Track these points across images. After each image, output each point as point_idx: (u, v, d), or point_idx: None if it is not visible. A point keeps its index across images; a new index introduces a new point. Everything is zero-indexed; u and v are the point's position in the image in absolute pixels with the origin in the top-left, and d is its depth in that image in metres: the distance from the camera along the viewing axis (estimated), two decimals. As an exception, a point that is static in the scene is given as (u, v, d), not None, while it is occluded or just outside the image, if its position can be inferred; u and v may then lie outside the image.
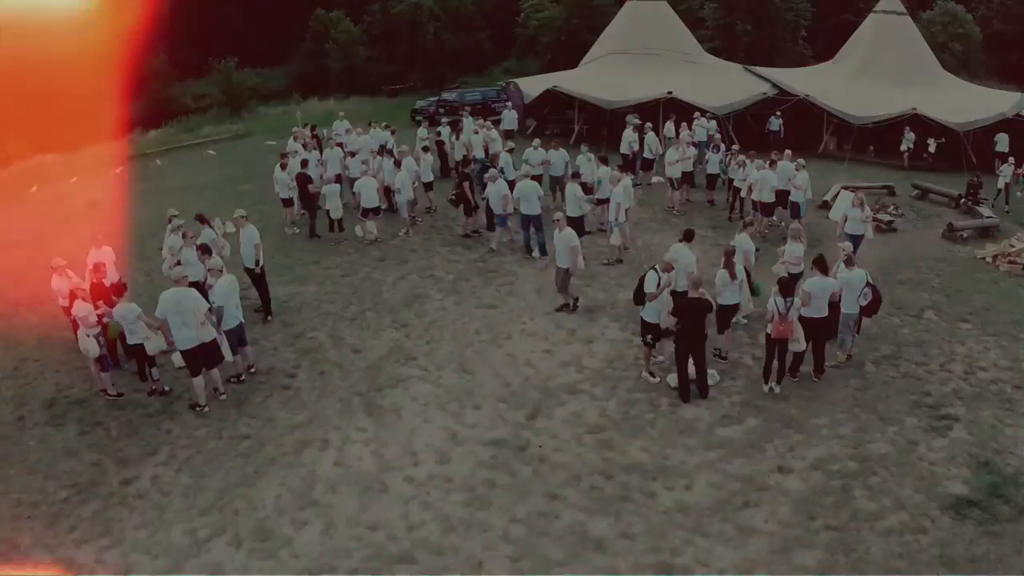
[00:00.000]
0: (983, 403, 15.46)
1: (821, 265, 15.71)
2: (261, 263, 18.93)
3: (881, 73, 36.78)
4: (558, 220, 18.97)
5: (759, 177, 23.64)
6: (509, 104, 35.94)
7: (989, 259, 22.79)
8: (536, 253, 22.88)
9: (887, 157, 34.49)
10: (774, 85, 36.87)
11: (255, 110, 57.54)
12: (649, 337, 16.02)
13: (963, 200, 27.34)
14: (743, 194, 25.00)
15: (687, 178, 27.25)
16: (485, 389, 16.28)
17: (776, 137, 34.07)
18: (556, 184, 26.56)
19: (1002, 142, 33.30)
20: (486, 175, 23.75)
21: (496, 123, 42.33)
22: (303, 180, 24.81)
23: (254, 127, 51.63)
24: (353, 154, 28.41)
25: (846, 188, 27.66)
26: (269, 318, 19.23)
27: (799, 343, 15.30)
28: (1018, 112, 32.89)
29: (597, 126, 37.21)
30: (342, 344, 18.26)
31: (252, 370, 16.70)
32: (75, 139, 61.00)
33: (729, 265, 16.35)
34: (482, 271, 22.35)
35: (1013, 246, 22.77)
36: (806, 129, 36.57)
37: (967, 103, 34.59)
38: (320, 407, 15.50)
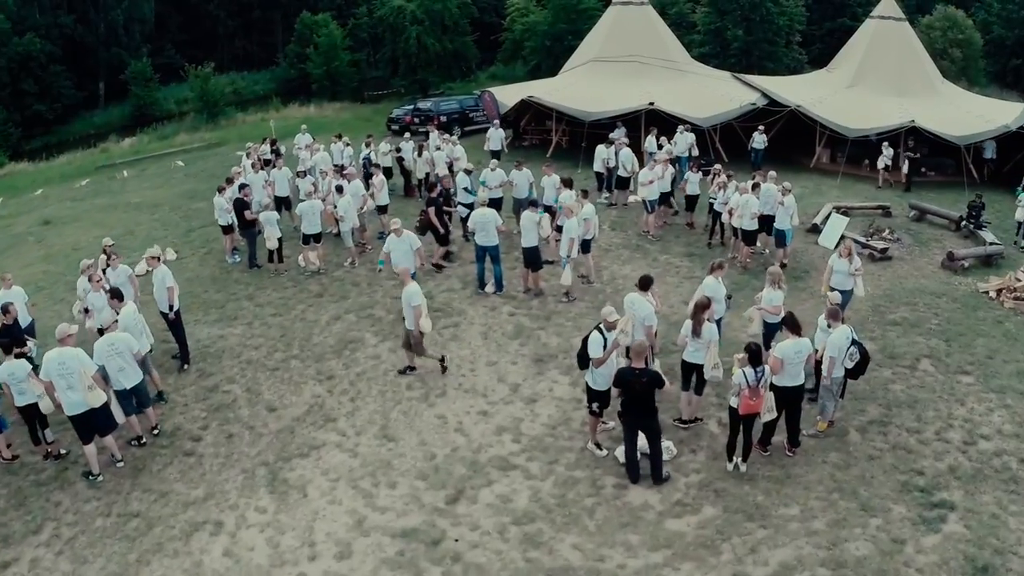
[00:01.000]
0: (984, 483, 13.01)
1: (793, 325, 13.14)
2: (175, 307, 16.96)
3: (877, 82, 34.29)
4: (401, 272, 16.71)
5: (740, 202, 21.16)
6: (496, 122, 32.62)
7: (992, 294, 20.24)
8: (491, 288, 20.46)
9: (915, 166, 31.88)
10: (764, 95, 34.25)
11: (233, 117, 55.14)
12: (596, 406, 13.59)
13: (964, 223, 24.73)
14: (724, 219, 22.42)
15: (665, 199, 24.75)
16: (405, 461, 13.99)
17: (759, 156, 31.94)
18: (520, 208, 24.11)
19: (990, 148, 31.78)
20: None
21: (467, 135, 40.46)
22: (239, 205, 22.61)
23: (229, 135, 49.41)
24: (304, 173, 25.90)
25: (838, 209, 25.18)
26: (185, 366, 17.26)
27: (772, 413, 12.75)
28: (1022, 125, 30.19)
29: (578, 138, 34.87)
30: (258, 400, 16.10)
31: (155, 431, 14.81)
32: (50, 146, 59.35)
33: (697, 320, 13.74)
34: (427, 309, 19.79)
35: (1020, 280, 20.18)
36: (798, 141, 34.07)
37: (968, 115, 31.96)
38: (221, 480, 13.55)
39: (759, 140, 31.66)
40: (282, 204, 25.48)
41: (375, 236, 24.69)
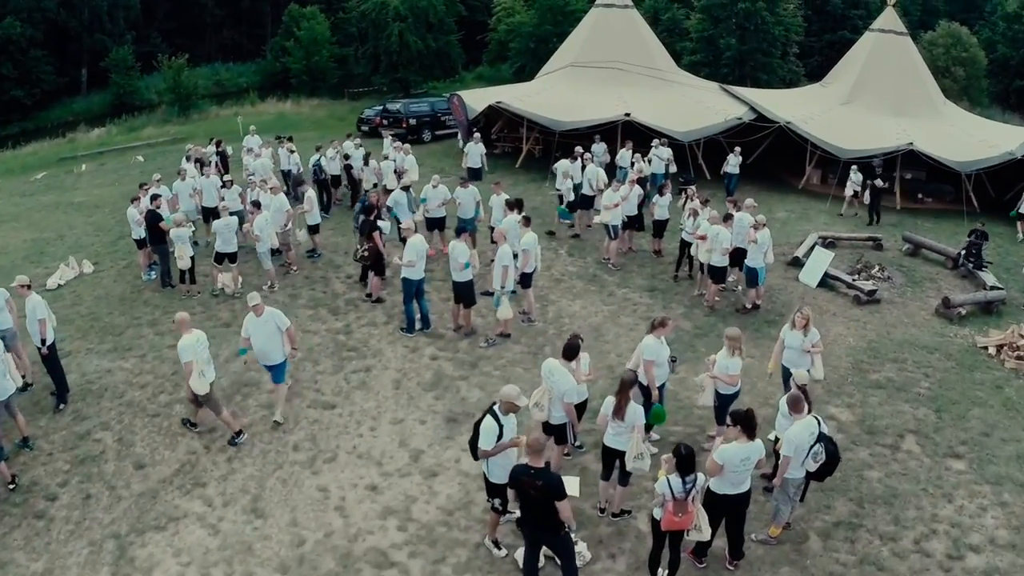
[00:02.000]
0: (972, 621, 10.01)
1: (747, 424, 9.91)
2: (49, 341, 14.50)
3: (875, 99, 31.39)
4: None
5: (711, 235, 18.09)
6: (476, 135, 28.71)
7: (992, 350, 17.29)
8: (418, 325, 17.54)
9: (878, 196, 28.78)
10: (752, 109, 31.26)
11: (206, 110, 52.28)
12: (496, 502, 10.71)
13: (962, 262, 21.76)
14: (693, 251, 19.44)
15: (632, 222, 21.77)
16: (270, 546, 11.30)
17: (733, 182, 28.31)
18: (465, 229, 21.21)
19: None
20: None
21: (438, 139, 37.51)
22: (151, 218, 19.92)
23: (197, 130, 46.54)
24: (232, 182, 23.20)
25: (824, 240, 22.28)
26: (61, 406, 14.81)
27: (701, 533, 9.75)
28: (1029, 151, 27.30)
29: (551, 148, 32.09)
30: (128, 453, 13.49)
31: (12, 485, 12.59)
32: (27, 132, 56.79)
33: (622, 399, 10.80)
34: (339, 347, 17.15)
35: (1023, 336, 17.23)
36: (787, 160, 31.13)
37: (971, 139, 29.00)
38: (65, 552, 11.22)
39: (733, 163, 27.84)
40: (210, 216, 22.64)
41: (305, 256, 21.80)
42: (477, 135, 28.27)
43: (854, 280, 20.03)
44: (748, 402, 13.89)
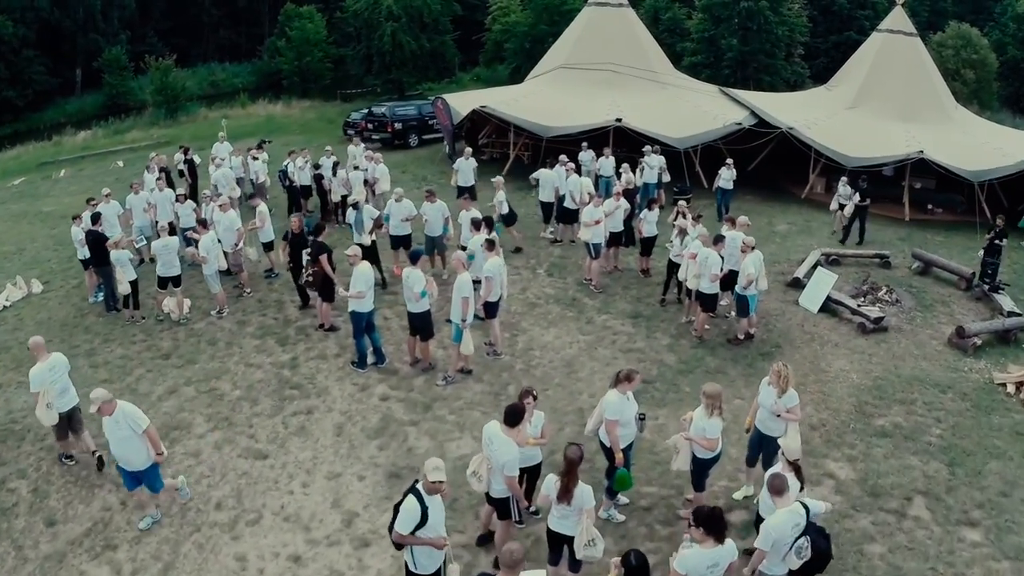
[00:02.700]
0: None
1: (712, 526, 7.80)
2: None
3: (882, 104, 29.39)
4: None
5: (700, 257, 16.21)
6: (467, 151, 25.06)
7: (1011, 388, 15.33)
8: (371, 360, 15.77)
9: (886, 206, 26.83)
10: (752, 113, 29.23)
11: (194, 112, 50.43)
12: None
13: (976, 283, 19.78)
14: (682, 274, 17.46)
15: (617, 238, 19.91)
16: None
17: (726, 198, 25.35)
18: (434, 248, 19.41)
19: None
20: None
21: (424, 143, 35.56)
22: (93, 239, 18.37)
23: (182, 134, 44.78)
24: (186, 196, 21.53)
25: (827, 258, 20.40)
26: None
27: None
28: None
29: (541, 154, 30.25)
30: (42, 507, 12.01)
31: None
32: (19, 133, 55.15)
33: (568, 478, 8.90)
34: (283, 384, 15.35)
35: (1046, 372, 15.31)
36: (789, 168, 29.16)
37: (984, 146, 26.97)
38: None
39: (726, 177, 24.84)
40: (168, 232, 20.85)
41: (263, 276, 19.99)
42: (468, 150, 24.93)
43: (859, 305, 18.02)
44: (736, 457, 12.02)
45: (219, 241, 18.44)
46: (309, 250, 16.94)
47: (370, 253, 18.68)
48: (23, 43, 57.56)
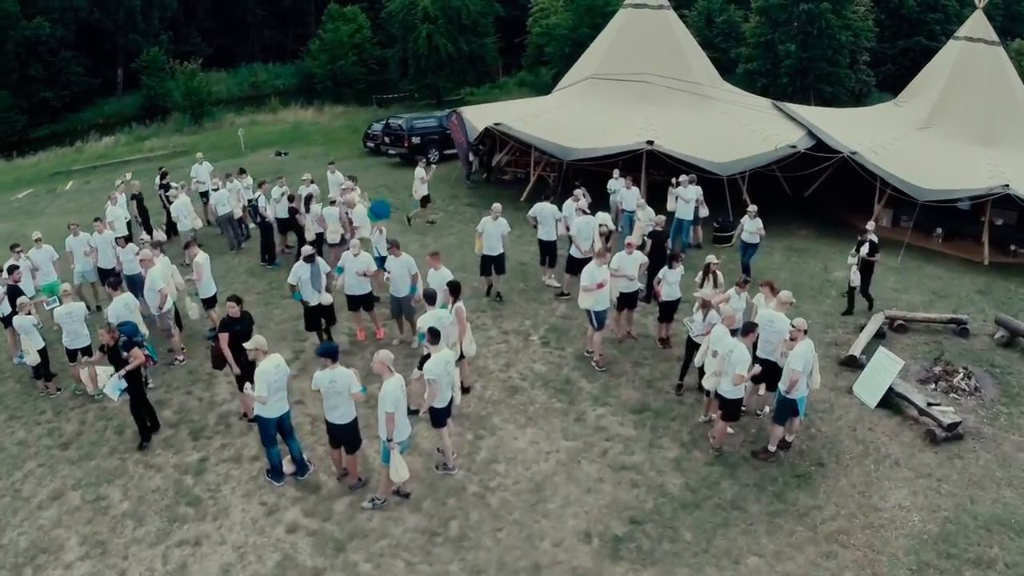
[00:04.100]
0: None
1: None
2: None
3: (960, 124, 24.71)
4: None
5: (722, 350, 11.96)
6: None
7: None
8: (288, 468, 12.07)
9: (962, 245, 22.25)
10: (810, 133, 24.61)
11: (219, 118, 47.20)
12: None
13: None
14: (698, 360, 13.19)
15: (629, 300, 15.63)
16: None
17: (750, 255, 19.18)
18: (400, 311, 15.51)
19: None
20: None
21: (445, 159, 31.51)
22: (10, 293, 15.61)
23: (201, 142, 41.31)
24: (127, 240, 17.96)
25: (891, 322, 16.02)
26: None
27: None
28: None
29: (569, 177, 26.17)
30: None
31: None
32: (57, 135, 52.79)
33: None
34: (179, 498, 11.89)
35: None
36: (851, 196, 24.91)
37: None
38: None
39: (750, 228, 18.86)
40: (107, 279, 17.51)
41: (205, 337, 16.36)
42: (496, 208, 17.83)
43: (929, 404, 13.55)
44: None
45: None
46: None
47: (326, 314, 15.56)
48: (61, 44, 55.54)
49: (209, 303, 16.47)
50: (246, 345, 11.49)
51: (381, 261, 16.41)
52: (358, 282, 15.42)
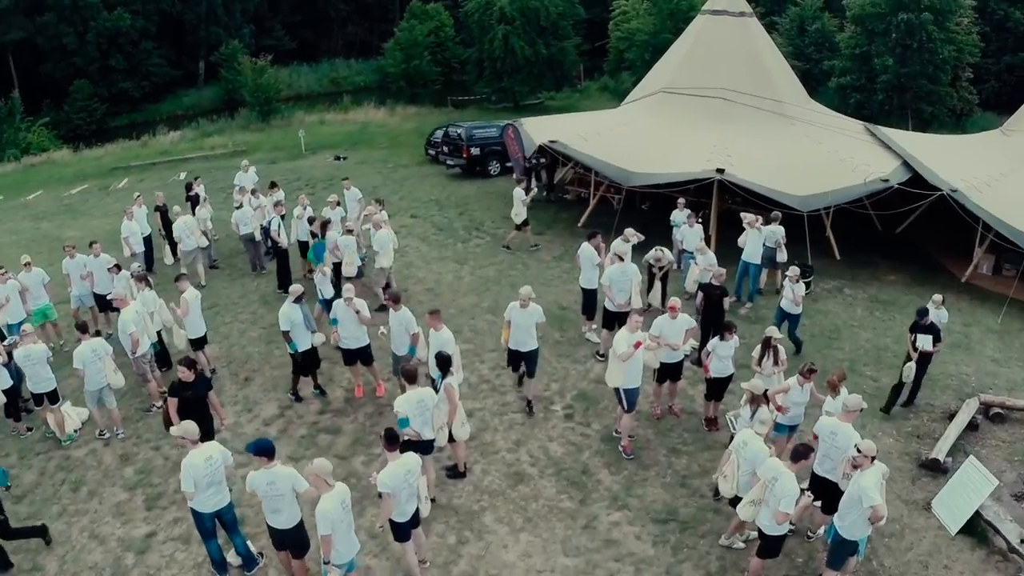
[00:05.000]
0: None
1: None
2: None
3: (1082, 160, 21.09)
4: None
5: (763, 472, 9.32)
6: (595, 239, 16.24)
7: None
8: (231, 561, 10.25)
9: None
10: (905, 163, 21.41)
11: (287, 116, 45.63)
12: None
13: None
14: (727, 489, 10.35)
15: (673, 371, 13.12)
16: None
17: (794, 326, 15.64)
18: (403, 369, 13.28)
19: None
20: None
21: (508, 171, 29.04)
22: None
23: (263, 142, 39.85)
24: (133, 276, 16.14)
25: (987, 408, 13.22)
26: None
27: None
28: None
29: (636, 201, 24.43)
30: None
31: None
32: (136, 124, 52.32)
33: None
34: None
35: None
36: (948, 236, 21.76)
37: None
38: None
39: (790, 294, 15.21)
40: (104, 306, 16.77)
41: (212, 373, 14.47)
42: (527, 292, 13.11)
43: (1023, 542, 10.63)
44: None
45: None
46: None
47: (311, 360, 13.79)
48: (142, 35, 55.42)
49: (197, 344, 14.63)
50: (172, 431, 9.80)
51: (325, 305, 15.13)
52: (354, 334, 13.13)
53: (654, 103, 24.93)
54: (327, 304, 14.91)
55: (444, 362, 10.95)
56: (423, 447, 10.64)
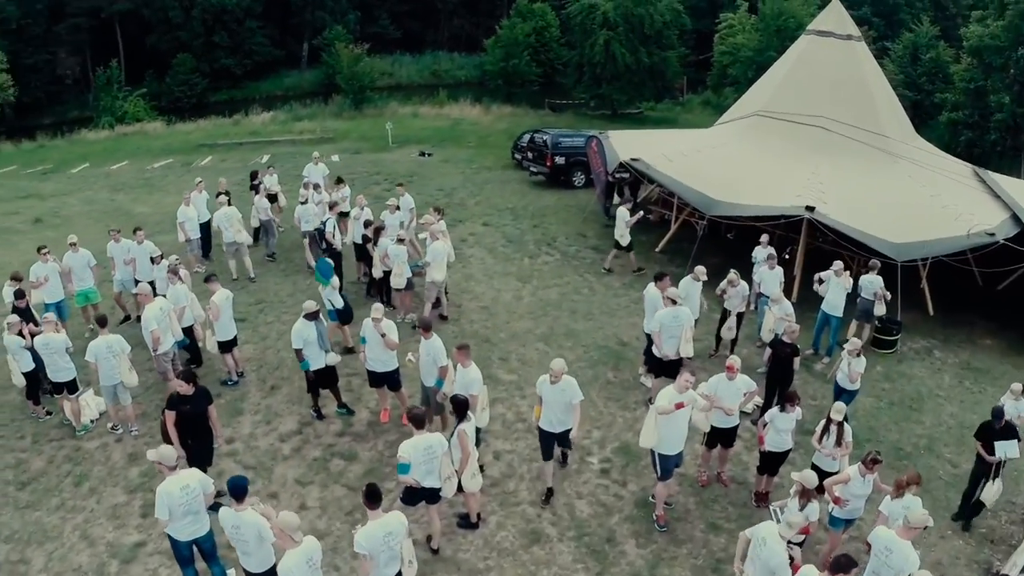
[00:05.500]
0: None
1: None
2: None
3: None
4: None
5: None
6: (662, 281, 14.10)
7: None
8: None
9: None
10: (1015, 216, 19.43)
11: (381, 105, 45.17)
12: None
13: None
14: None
15: (725, 437, 11.77)
16: None
17: (847, 399, 12.86)
18: (428, 402, 12.36)
19: None
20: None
21: (592, 183, 27.71)
22: (21, 317, 13.67)
23: (352, 130, 39.43)
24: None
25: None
26: None
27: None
28: None
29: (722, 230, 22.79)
30: None
31: None
32: (235, 101, 52.76)
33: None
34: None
35: None
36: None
37: None
38: None
39: (847, 368, 12.96)
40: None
41: (223, 380, 13.89)
42: (559, 365, 10.87)
43: None
44: None
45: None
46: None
47: (327, 378, 12.93)
48: (247, 13, 55.87)
49: (225, 346, 14.02)
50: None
51: (336, 315, 14.87)
52: (381, 357, 12.14)
53: (747, 126, 23.40)
54: (338, 314, 14.56)
55: (461, 406, 9.90)
56: (430, 496, 9.62)
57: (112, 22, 54.32)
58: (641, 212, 20.80)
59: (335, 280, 14.80)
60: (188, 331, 14.31)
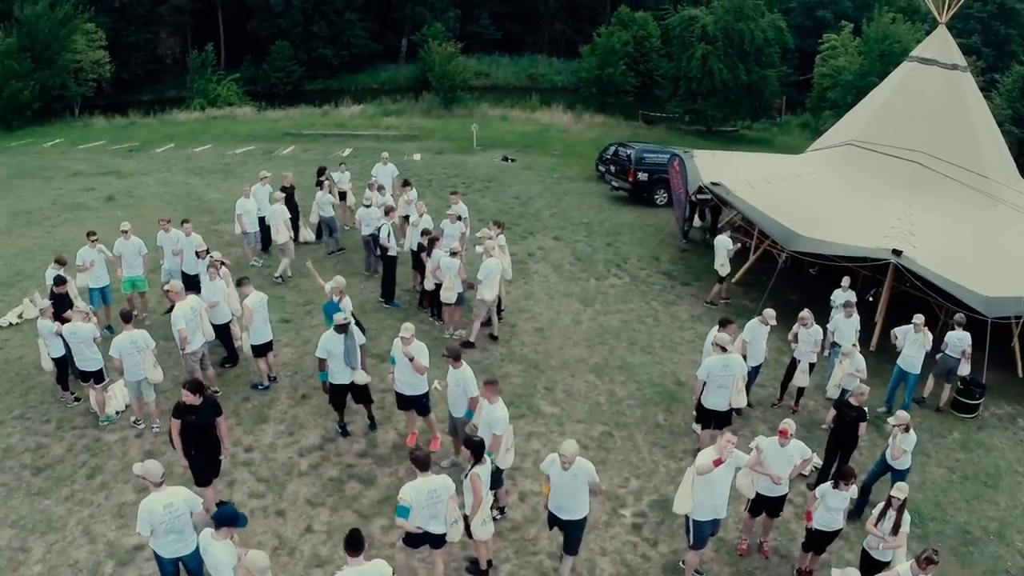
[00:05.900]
0: None
1: None
2: None
3: None
4: None
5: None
6: (727, 328, 12.87)
7: None
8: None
9: None
10: None
11: (471, 105, 44.70)
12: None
13: None
14: None
15: (767, 505, 10.74)
16: None
17: (898, 476, 11.36)
18: (455, 431, 11.75)
19: None
20: None
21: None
22: (57, 307, 13.60)
23: (437, 129, 38.90)
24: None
25: None
26: None
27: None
28: None
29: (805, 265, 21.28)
30: None
31: None
32: (331, 90, 53.10)
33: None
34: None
35: None
36: None
37: None
38: None
39: (902, 444, 11.23)
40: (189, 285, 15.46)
41: (253, 387, 13.44)
42: (570, 448, 9.21)
43: None
44: None
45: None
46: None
47: (359, 394, 12.37)
48: (347, 6, 56.21)
49: (259, 350, 13.59)
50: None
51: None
52: (410, 380, 11.42)
53: (838, 156, 22.08)
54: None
55: (477, 448, 9.10)
56: (435, 540, 8.86)
57: (214, 5, 55.20)
58: (738, 244, 19.68)
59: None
60: (225, 328, 13.88)
